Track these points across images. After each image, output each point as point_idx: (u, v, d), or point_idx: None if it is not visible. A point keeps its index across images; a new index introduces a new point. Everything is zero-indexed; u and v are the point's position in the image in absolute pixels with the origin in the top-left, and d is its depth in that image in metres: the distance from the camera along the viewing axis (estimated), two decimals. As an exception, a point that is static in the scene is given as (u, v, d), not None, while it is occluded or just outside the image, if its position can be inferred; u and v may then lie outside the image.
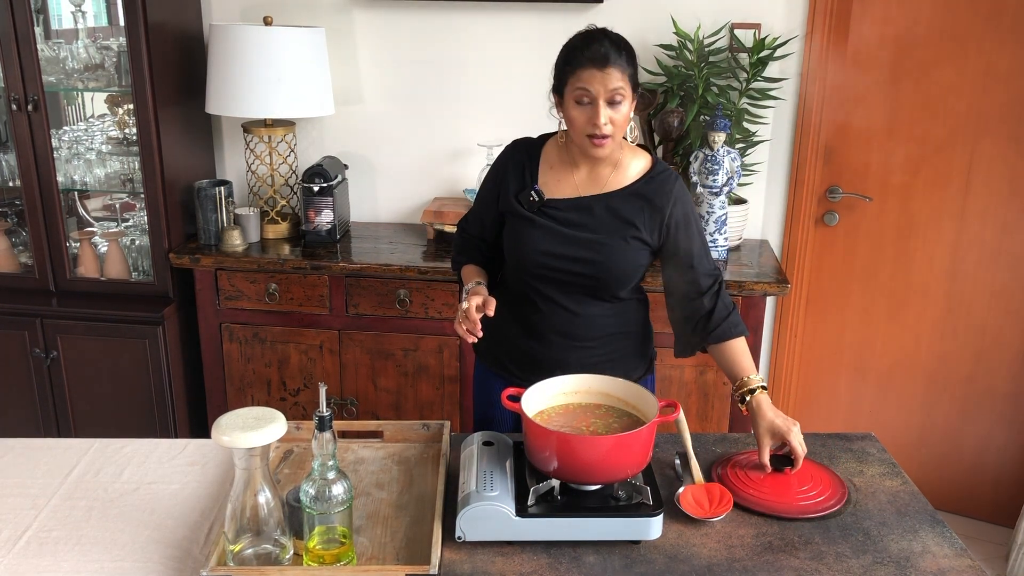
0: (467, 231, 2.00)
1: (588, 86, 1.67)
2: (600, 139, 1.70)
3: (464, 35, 3.01)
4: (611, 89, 1.67)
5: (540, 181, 1.83)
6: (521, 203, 1.83)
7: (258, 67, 2.75)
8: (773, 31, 2.85)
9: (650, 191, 1.80)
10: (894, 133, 2.96)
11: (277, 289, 2.82)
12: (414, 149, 3.16)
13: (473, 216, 1.98)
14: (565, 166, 1.84)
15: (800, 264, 3.13)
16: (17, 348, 2.91)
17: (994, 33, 2.77)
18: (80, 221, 3.18)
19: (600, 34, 1.72)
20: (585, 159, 1.81)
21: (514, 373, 1.93)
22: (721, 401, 2.75)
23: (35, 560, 1.47)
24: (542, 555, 1.44)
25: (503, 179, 1.87)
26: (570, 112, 1.72)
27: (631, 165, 1.82)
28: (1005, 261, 2.96)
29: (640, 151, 1.86)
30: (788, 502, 1.58)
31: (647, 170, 1.83)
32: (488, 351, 2.00)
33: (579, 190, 1.82)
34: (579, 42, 1.72)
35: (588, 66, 1.67)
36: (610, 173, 1.82)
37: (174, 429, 2.96)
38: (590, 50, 1.68)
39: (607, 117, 1.68)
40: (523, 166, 1.85)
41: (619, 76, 1.68)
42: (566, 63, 1.72)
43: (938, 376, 3.14)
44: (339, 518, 1.38)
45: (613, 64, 1.67)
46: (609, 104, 1.68)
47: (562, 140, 1.84)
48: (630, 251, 1.80)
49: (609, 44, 1.69)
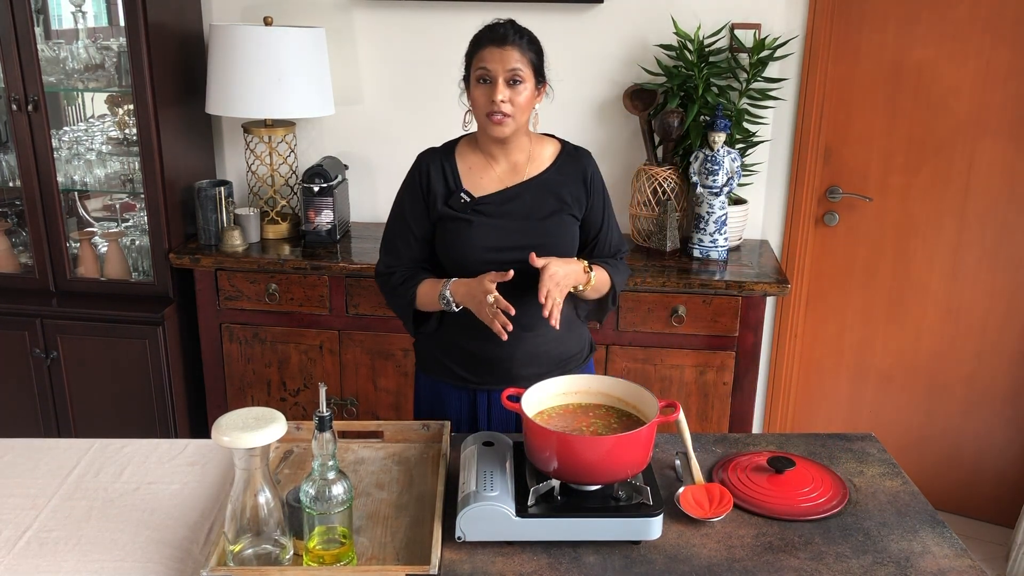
0: (394, 265, 1.93)
1: (487, 64, 1.77)
2: (499, 116, 1.77)
3: (464, 35, 2.99)
4: (509, 69, 1.76)
5: (464, 182, 1.88)
6: (452, 207, 1.86)
7: (258, 67, 2.75)
8: (773, 31, 2.85)
9: (568, 167, 1.91)
10: (894, 133, 2.96)
11: (277, 289, 2.82)
12: (414, 149, 3.12)
13: (399, 243, 1.93)
14: (483, 163, 1.90)
15: (800, 264, 3.13)
16: (17, 348, 2.91)
17: (994, 33, 2.77)
18: (80, 221, 3.18)
19: (505, 21, 1.82)
20: (499, 150, 1.88)
21: (462, 377, 1.94)
22: (721, 401, 2.76)
23: (35, 560, 1.47)
24: (542, 555, 1.44)
25: (427, 190, 1.89)
26: (473, 93, 1.81)
27: (544, 151, 1.92)
28: (1005, 261, 2.96)
29: (547, 138, 1.95)
30: (788, 503, 1.58)
31: (559, 150, 1.93)
32: (432, 362, 1.98)
33: (503, 182, 1.88)
34: (484, 28, 1.82)
35: (488, 45, 1.78)
36: (527, 161, 1.89)
37: (174, 429, 2.96)
38: (492, 32, 1.79)
39: (506, 95, 1.76)
40: (443, 172, 1.89)
41: (518, 56, 1.76)
42: (471, 47, 1.83)
43: (938, 376, 3.14)
44: (339, 518, 1.38)
45: (512, 43, 1.76)
46: (509, 85, 1.77)
47: (477, 136, 1.90)
48: (565, 226, 1.88)
49: (510, 27, 1.79)
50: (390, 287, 1.94)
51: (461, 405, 1.98)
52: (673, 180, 2.85)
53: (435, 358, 1.98)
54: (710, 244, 2.80)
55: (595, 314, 2.02)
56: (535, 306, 1.85)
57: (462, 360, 1.93)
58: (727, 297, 2.65)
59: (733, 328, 2.68)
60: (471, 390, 1.96)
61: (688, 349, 2.72)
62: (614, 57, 2.96)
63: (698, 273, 2.69)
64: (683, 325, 2.68)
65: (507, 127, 1.79)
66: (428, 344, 1.99)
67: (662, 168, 2.85)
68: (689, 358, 2.73)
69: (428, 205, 1.90)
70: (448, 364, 1.95)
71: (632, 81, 2.95)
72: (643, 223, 2.90)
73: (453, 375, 1.95)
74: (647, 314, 2.69)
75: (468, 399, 1.97)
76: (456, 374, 1.95)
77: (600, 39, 2.95)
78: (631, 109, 2.90)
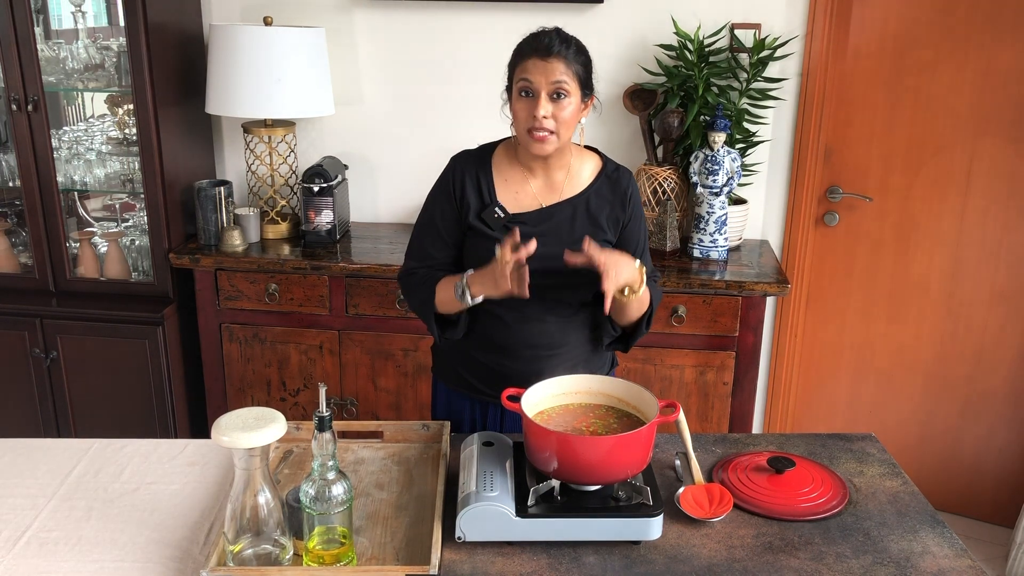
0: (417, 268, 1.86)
1: (530, 77, 1.67)
2: (540, 134, 1.68)
3: (464, 35, 3.01)
4: (553, 81, 1.66)
5: (499, 196, 1.79)
6: (485, 222, 1.78)
7: (258, 67, 2.75)
8: (773, 31, 2.85)
9: (609, 189, 1.81)
10: (894, 133, 2.96)
11: (277, 289, 2.82)
12: (414, 149, 3.16)
13: (428, 248, 1.85)
14: (519, 175, 1.81)
15: (800, 264, 3.12)
16: (17, 348, 2.91)
17: (994, 33, 2.77)
18: (80, 221, 3.18)
19: (551, 30, 1.72)
20: (539, 164, 1.78)
21: (480, 391, 1.89)
22: (721, 401, 2.76)
23: (35, 560, 1.47)
24: (542, 555, 1.44)
25: (461, 197, 1.80)
26: (514, 105, 1.72)
27: (584, 168, 1.82)
28: (1005, 261, 2.96)
29: (588, 152, 1.86)
30: (788, 503, 1.58)
31: (600, 169, 1.83)
32: (451, 371, 1.94)
33: (539, 200, 1.80)
34: (528, 37, 1.73)
35: (532, 56, 1.68)
36: (564, 178, 1.80)
37: (174, 429, 2.96)
38: (536, 41, 1.69)
39: (548, 111, 1.66)
40: (478, 181, 1.80)
41: (563, 68, 1.67)
42: (514, 56, 1.73)
43: (938, 376, 3.14)
44: (339, 518, 1.38)
45: (557, 55, 1.66)
46: (552, 99, 1.67)
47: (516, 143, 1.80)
48: None
49: (556, 37, 1.69)
50: (411, 286, 1.86)
51: (474, 415, 1.95)
52: (673, 180, 2.85)
53: (452, 368, 1.94)
54: (710, 244, 2.80)
55: (623, 340, 1.90)
56: (560, 326, 1.82)
57: (478, 372, 1.89)
58: (727, 297, 2.65)
59: (733, 328, 2.68)
60: (484, 402, 1.92)
61: (688, 349, 2.72)
62: (614, 57, 2.96)
63: (698, 273, 2.69)
64: (683, 325, 2.68)
65: (549, 144, 1.70)
66: (446, 353, 1.94)
67: (662, 168, 2.85)
68: (689, 358, 2.73)
69: (461, 213, 1.80)
70: (464, 375, 1.91)
71: (632, 81, 2.95)
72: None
73: (469, 386, 1.91)
74: (647, 314, 2.69)
75: (480, 410, 1.94)
76: (471, 385, 1.91)
77: (600, 39, 2.95)
78: (631, 109, 2.90)
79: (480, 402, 1.93)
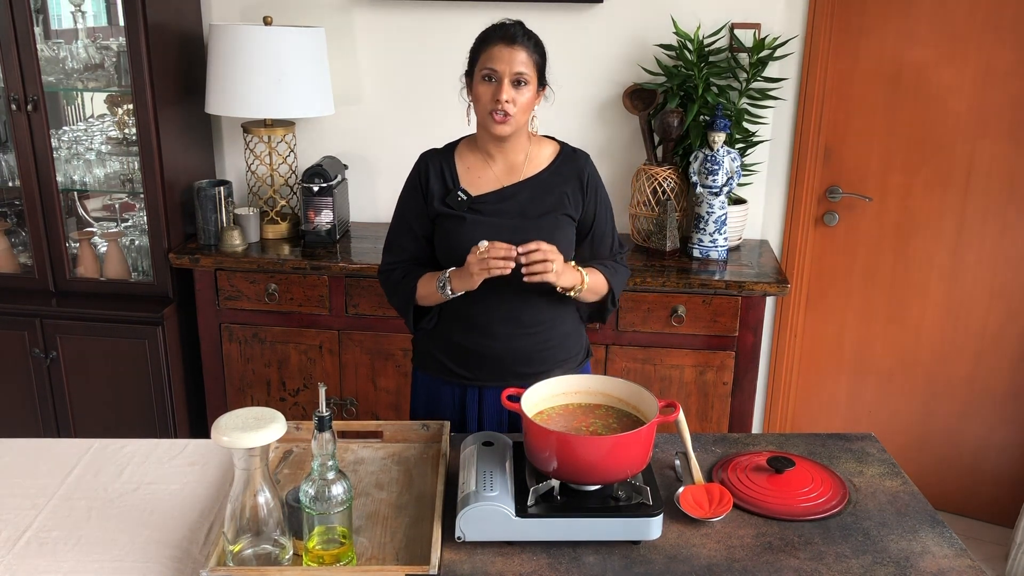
0: (395, 263, 1.98)
1: (495, 64, 1.79)
2: (501, 115, 1.80)
3: (464, 35, 2.99)
4: (516, 71, 1.79)
5: (462, 182, 1.92)
6: (449, 205, 1.90)
7: (258, 67, 2.75)
8: (773, 31, 2.85)
9: (566, 168, 1.93)
10: (894, 133, 2.96)
11: (277, 289, 2.82)
12: (414, 149, 3.12)
13: (401, 242, 1.98)
14: (481, 162, 1.93)
15: (800, 264, 3.13)
16: (17, 348, 2.91)
17: (994, 33, 2.77)
18: (80, 221, 3.18)
19: (515, 21, 1.85)
20: (498, 149, 1.91)
21: (458, 374, 1.96)
22: (721, 401, 2.76)
23: (35, 560, 1.47)
24: (542, 555, 1.44)
25: (426, 190, 1.93)
26: (477, 89, 1.84)
27: (542, 151, 1.94)
28: (1005, 261, 2.96)
29: (546, 139, 1.97)
30: (788, 503, 1.58)
31: (558, 151, 1.95)
32: (429, 358, 2.00)
33: (500, 181, 1.91)
34: (494, 25, 1.85)
35: (498, 42, 1.80)
36: (524, 161, 1.92)
37: (174, 429, 2.96)
38: (502, 29, 1.82)
39: (511, 95, 1.79)
40: (441, 172, 1.93)
41: (524, 58, 1.80)
42: (478, 43, 1.86)
43: (938, 376, 3.14)
44: (339, 518, 1.38)
45: (521, 43, 1.80)
46: (514, 85, 1.80)
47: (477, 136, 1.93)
48: (559, 226, 1.89)
49: (520, 28, 1.83)
50: (391, 283, 1.97)
51: (453, 401, 1.99)
52: (673, 180, 2.85)
53: (430, 354, 2.00)
54: (710, 244, 2.80)
55: (596, 315, 2.04)
56: (532, 304, 1.89)
57: (455, 354, 1.95)
58: (727, 297, 2.65)
59: (733, 328, 2.68)
60: (462, 386, 1.97)
61: (688, 349, 2.72)
62: (614, 57, 2.96)
63: (698, 273, 2.69)
64: (683, 325, 2.68)
65: (508, 126, 1.82)
66: (425, 340, 2.01)
67: (662, 168, 2.85)
68: (689, 358, 2.73)
69: (427, 203, 1.92)
70: (442, 359, 1.97)
71: (632, 81, 2.95)
72: (643, 223, 2.90)
73: (446, 370, 1.97)
74: (647, 314, 2.70)
75: (459, 395, 1.98)
76: (449, 369, 1.96)
77: (600, 39, 2.95)
78: (631, 109, 2.90)
79: (459, 387, 1.98)
